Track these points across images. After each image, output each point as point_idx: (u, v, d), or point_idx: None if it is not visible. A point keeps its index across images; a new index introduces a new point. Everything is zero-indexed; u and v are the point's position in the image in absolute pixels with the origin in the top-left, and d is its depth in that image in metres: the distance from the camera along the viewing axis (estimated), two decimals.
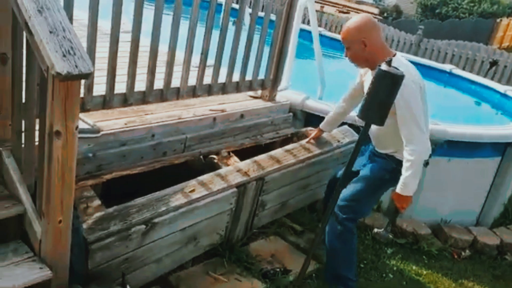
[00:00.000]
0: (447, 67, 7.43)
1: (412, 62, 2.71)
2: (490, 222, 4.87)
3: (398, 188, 2.72)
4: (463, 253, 4.24)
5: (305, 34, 4.86)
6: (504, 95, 6.17)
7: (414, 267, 3.77)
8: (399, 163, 2.74)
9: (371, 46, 2.67)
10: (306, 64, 6.23)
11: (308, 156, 3.46)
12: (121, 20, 2.67)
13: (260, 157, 3.31)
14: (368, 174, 2.96)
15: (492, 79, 8.06)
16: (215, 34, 3.20)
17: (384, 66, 1.71)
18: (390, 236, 3.04)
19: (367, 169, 2.99)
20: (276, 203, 3.42)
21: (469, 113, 6.45)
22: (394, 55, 2.61)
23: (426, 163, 4.18)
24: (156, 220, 2.54)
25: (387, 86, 1.72)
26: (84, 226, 2.31)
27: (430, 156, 4.14)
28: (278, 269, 3.22)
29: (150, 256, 2.63)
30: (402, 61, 2.63)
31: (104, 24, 2.75)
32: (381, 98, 1.77)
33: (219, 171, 3.09)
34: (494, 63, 8.50)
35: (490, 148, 4.44)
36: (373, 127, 2.68)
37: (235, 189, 2.97)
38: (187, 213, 2.70)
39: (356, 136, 3.56)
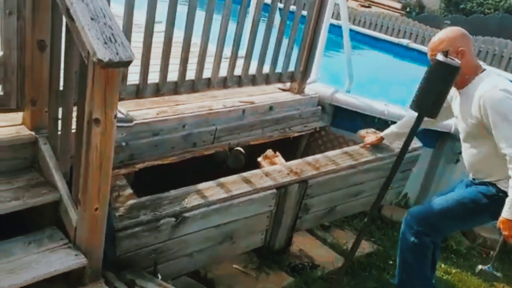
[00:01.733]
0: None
1: None
2: None
3: (506, 213, 2.39)
4: (492, 252, 4.16)
5: (331, 28, 4.81)
6: None
7: (442, 266, 3.71)
8: (502, 191, 2.46)
9: (467, 58, 2.38)
10: (332, 58, 6.17)
11: (361, 161, 3.22)
12: (155, 13, 2.66)
13: (306, 159, 3.15)
14: (462, 193, 2.66)
15: None
16: (246, 27, 3.18)
17: (440, 57, 1.66)
18: (498, 274, 2.68)
19: (463, 190, 2.69)
20: (321, 208, 3.21)
21: None
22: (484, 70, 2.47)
23: (457, 160, 4.13)
24: (187, 214, 2.49)
25: (443, 77, 1.67)
26: (114, 213, 2.31)
27: None
28: (306, 264, 3.19)
29: (181, 250, 2.58)
30: (494, 76, 2.45)
31: (136, 15, 2.75)
32: (436, 90, 1.71)
33: (260, 170, 2.97)
34: None
35: None
36: (468, 154, 2.58)
37: (274, 191, 2.82)
38: (221, 210, 2.62)
39: (419, 144, 3.42)
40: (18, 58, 2.16)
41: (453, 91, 2.51)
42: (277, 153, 3.26)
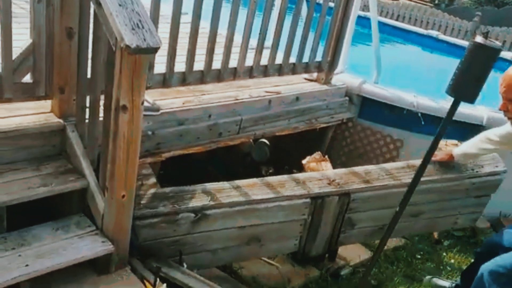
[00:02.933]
0: (508, 54, 7.06)
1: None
2: None
3: (456, 150, 2.43)
4: None
5: (360, 20, 4.73)
6: None
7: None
8: None
9: None
10: (361, 50, 6.08)
11: (422, 180, 2.70)
12: (182, 3, 2.64)
13: (356, 169, 2.90)
14: None
15: None
16: (273, 19, 3.14)
17: (479, 39, 1.59)
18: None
19: None
20: (370, 225, 2.94)
21: None
22: None
23: None
24: (208, 211, 2.44)
25: (482, 60, 1.60)
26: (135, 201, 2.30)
27: None
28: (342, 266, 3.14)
29: (202, 245, 2.54)
30: None
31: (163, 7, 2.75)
32: (475, 73, 1.64)
33: (298, 175, 2.81)
34: None
35: None
36: None
37: (308, 200, 2.64)
38: (245, 212, 2.53)
39: (502, 167, 3.02)
40: (47, 46, 2.17)
41: None
42: (326, 157, 3.09)
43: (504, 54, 7.16)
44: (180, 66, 2.82)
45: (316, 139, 4.04)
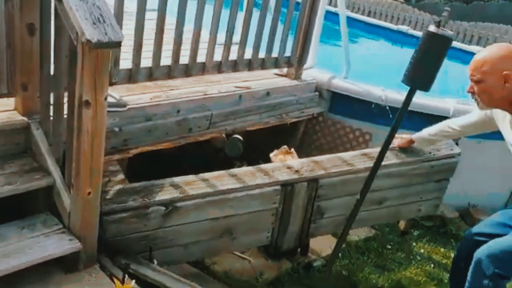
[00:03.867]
0: (475, 48, 7.22)
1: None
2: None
3: (416, 135, 2.49)
4: None
5: (332, 17, 4.78)
6: None
7: (442, 250, 3.71)
8: None
9: None
10: (332, 46, 6.13)
11: (383, 165, 2.77)
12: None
13: (319, 158, 2.93)
14: None
15: None
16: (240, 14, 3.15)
17: (432, 28, 1.63)
18: None
19: None
20: (339, 213, 2.93)
21: None
22: None
23: (456, 144, 4.11)
24: (178, 204, 2.42)
25: (436, 48, 1.64)
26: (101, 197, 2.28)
27: None
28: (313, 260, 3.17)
29: (174, 239, 2.51)
30: None
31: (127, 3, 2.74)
32: (429, 62, 1.68)
33: (266, 165, 2.83)
34: None
35: None
36: None
37: (278, 187, 2.65)
38: (217, 203, 2.52)
39: (457, 150, 3.12)
40: (7, 43, 2.13)
41: (501, 113, 2.30)
42: (292, 150, 3.12)
43: (473, 48, 7.33)
44: (147, 61, 2.80)
45: (288, 134, 4.07)
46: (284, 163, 2.84)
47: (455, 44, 7.63)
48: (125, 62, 2.70)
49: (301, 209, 2.79)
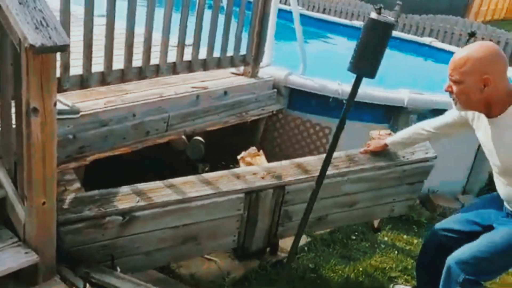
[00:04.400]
0: (426, 40, 7.44)
1: (392, 37, 2.39)
2: (476, 190, 4.91)
3: (389, 140, 2.46)
4: None
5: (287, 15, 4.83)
6: None
7: (405, 237, 3.79)
8: None
9: (494, 87, 2.01)
10: (291, 44, 6.18)
11: (353, 170, 2.85)
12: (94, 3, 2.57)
13: (289, 162, 2.85)
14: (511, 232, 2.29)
15: None
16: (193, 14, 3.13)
17: (373, 15, 1.66)
18: None
19: (510, 226, 2.31)
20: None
21: None
22: None
23: None
24: (136, 213, 2.35)
25: (378, 35, 1.67)
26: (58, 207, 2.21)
27: None
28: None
29: (135, 248, 2.44)
30: None
31: (76, 9, 2.68)
32: (372, 49, 1.70)
33: (230, 171, 2.75)
34: (472, 34, 8.55)
35: None
36: (503, 189, 2.25)
37: (242, 195, 2.59)
38: (177, 211, 2.45)
39: (432, 153, 3.03)
40: None
41: (476, 114, 2.24)
42: (261, 152, 3.01)
43: (424, 39, 7.55)
44: (99, 67, 2.75)
45: (249, 132, 4.08)
46: (250, 169, 2.77)
47: (408, 36, 7.84)
48: (77, 68, 2.64)
49: (267, 214, 2.73)
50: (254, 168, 2.77)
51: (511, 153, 2.09)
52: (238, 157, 2.98)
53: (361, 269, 3.15)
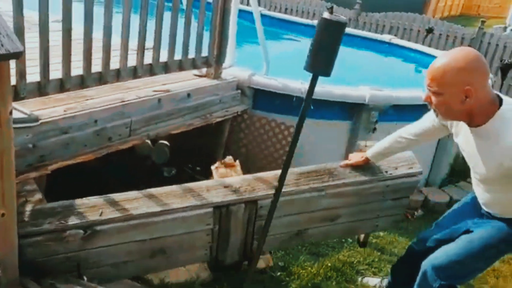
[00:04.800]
0: (386, 37, 7.61)
1: (352, 35, 2.39)
2: (438, 182, 5.06)
3: (370, 152, 2.48)
4: (416, 213, 4.40)
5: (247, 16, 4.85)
6: None
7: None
8: None
9: (476, 98, 1.89)
10: (252, 45, 6.20)
11: (332, 184, 2.70)
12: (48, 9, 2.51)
13: (264, 175, 2.70)
14: (488, 233, 2.25)
15: (429, 47, 8.32)
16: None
17: (326, 14, 1.68)
18: None
19: (486, 227, 2.28)
20: (284, 231, 2.77)
21: (410, 79, 6.65)
22: (500, 102, 1.96)
23: (374, 129, 4.30)
24: (98, 228, 2.27)
25: (331, 35, 1.70)
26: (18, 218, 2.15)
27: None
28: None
29: (101, 261, 2.38)
30: None
31: (31, 15, 2.62)
32: (326, 48, 1.73)
33: (201, 183, 2.62)
34: (430, 30, 8.77)
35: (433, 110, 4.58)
36: (483, 194, 2.23)
37: (210, 210, 2.47)
38: (142, 226, 2.36)
39: (418, 168, 2.85)
40: None
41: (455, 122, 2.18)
42: (237, 162, 2.84)
43: (383, 37, 7.71)
44: (58, 73, 2.69)
45: (214, 134, 4.07)
46: (222, 181, 2.63)
47: (368, 34, 8.00)
48: (34, 75, 2.58)
49: (241, 228, 2.62)
50: (226, 180, 2.64)
51: (495, 164, 1.99)
52: (213, 166, 2.82)
53: (329, 264, 3.19)
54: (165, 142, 4.40)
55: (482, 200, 2.30)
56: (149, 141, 4.13)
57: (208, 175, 4.15)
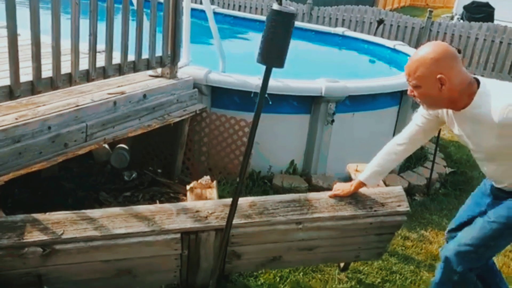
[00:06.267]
0: (339, 30, 7.72)
1: (306, 29, 2.35)
2: (397, 168, 5.18)
3: (363, 176, 2.48)
4: None
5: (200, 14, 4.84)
6: (394, 50, 6.55)
7: None
8: None
9: (451, 84, 2.04)
10: (206, 44, 6.17)
11: (310, 218, 2.52)
12: None
13: (240, 200, 2.40)
14: (503, 213, 2.31)
15: (381, 37, 8.53)
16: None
17: (275, 6, 1.70)
18: None
19: (503, 207, 2.33)
20: (259, 256, 2.67)
21: (365, 70, 6.78)
22: (478, 84, 2.10)
23: (332, 120, 4.36)
24: (58, 246, 2.19)
25: (281, 25, 1.71)
26: None
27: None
28: None
29: (61, 277, 2.30)
30: (496, 84, 2.13)
31: None
32: (277, 39, 1.74)
33: (170, 205, 2.48)
34: (381, 21, 8.99)
35: (388, 98, 4.70)
36: (488, 169, 2.31)
37: (178, 235, 2.35)
38: (103, 248, 2.27)
39: (405, 207, 2.63)
40: None
41: (444, 110, 2.27)
42: (214, 183, 2.72)
43: (337, 29, 7.82)
44: (5, 81, 2.60)
45: (174, 134, 4.04)
46: (194, 204, 2.48)
47: (322, 28, 8.11)
48: None
49: (212, 254, 2.50)
50: (198, 204, 2.48)
51: (491, 140, 2.12)
52: (188, 187, 2.71)
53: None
54: (124, 145, 4.33)
55: (493, 178, 2.39)
56: (107, 146, 4.06)
57: (171, 176, 4.13)
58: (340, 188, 2.60)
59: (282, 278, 3.06)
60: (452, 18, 14.95)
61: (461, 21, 12.08)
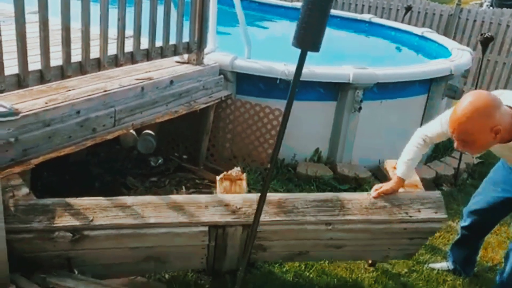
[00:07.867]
0: (366, 16, 7.59)
1: (332, 16, 2.31)
2: (424, 158, 5.09)
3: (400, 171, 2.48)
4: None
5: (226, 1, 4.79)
6: (422, 37, 6.41)
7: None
8: None
9: (504, 129, 2.05)
10: (234, 30, 6.14)
11: (342, 220, 2.46)
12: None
13: (269, 196, 2.35)
14: None
15: (408, 24, 8.34)
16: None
17: None
18: None
19: None
20: (285, 250, 2.67)
21: (392, 57, 6.66)
22: None
23: (359, 108, 4.30)
24: (87, 232, 2.23)
25: (319, 9, 1.68)
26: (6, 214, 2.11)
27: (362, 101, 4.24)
28: None
29: (92, 260, 2.36)
30: None
31: (5, 7, 2.53)
32: (314, 22, 1.71)
33: (200, 197, 2.46)
34: (408, 8, 8.78)
35: (417, 86, 4.61)
36: None
37: (205, 229, 2.35)
38: (132, 236, 2.29)
39: (443, 214, 2.53)
40: None
41: None
42: (244, 175, 2.67)
43: (363, 16, 7.68)
44: (37, 65, 2.62)
45: (199, 121, 4.04)
46: (223, 198, 2.45)
47: (348, 14, 7.98)
48: (13, 68, 2.51)
49: (238, 246, 2.50)
50: (226, 198, 2.45)
51: None
52: (218, 177, 2.66)
53: None
54: (150, 131, 4.35)
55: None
56: (133, 131, 4.09)
57: (196, 162, 4.14)
58: (384, 188, 2.54)
59: (307, 266, 3.05)
60: (481, 5, 14.54)
61: (491, 8, 11.73)
